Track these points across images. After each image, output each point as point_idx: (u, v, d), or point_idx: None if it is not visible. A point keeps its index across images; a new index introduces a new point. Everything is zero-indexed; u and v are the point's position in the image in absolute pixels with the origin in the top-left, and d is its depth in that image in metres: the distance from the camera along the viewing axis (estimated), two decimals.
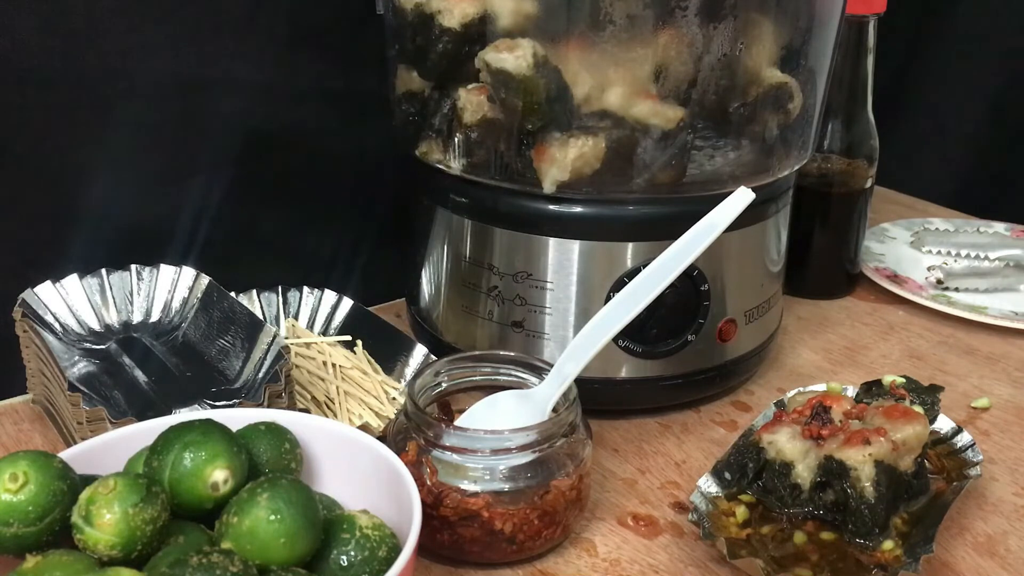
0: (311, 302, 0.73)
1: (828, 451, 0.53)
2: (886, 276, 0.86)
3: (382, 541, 0.43)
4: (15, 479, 0.41)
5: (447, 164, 0.64)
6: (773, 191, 0.66)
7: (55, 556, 0.40)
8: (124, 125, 0.68)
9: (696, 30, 0.58)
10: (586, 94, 0.59)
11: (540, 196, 0.61)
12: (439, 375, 0.58)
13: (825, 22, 0.66)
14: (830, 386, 0.62)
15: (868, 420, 0.55)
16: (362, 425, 0.61)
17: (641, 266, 0.56)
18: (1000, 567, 0.54)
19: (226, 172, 0.73)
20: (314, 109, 0.76)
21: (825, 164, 0.82)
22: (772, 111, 0.64)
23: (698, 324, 0.64)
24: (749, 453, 0.56)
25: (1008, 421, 0.68)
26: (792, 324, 0.81)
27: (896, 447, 0.53)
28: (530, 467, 0.52)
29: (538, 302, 0.63)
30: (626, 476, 0.61)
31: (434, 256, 0.68)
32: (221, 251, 0.73)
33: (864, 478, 0.52)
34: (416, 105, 0.66)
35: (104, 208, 0.69)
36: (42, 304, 0.64)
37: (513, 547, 0.52)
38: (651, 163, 0.60)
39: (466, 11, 0.60)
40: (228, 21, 0.70)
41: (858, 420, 0.55)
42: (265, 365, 0.60)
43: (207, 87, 0.71)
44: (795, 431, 0.55)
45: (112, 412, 0.53)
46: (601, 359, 0.56)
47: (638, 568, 0.53)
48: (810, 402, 0.57)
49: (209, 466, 0.43)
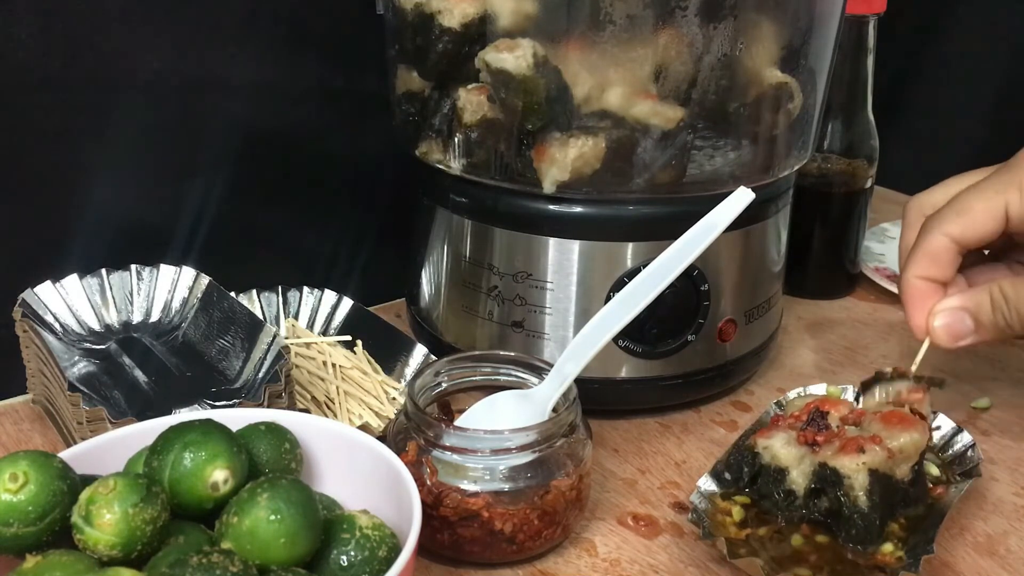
0: (311, 302, 0.73)
1: (823, 458, 0.52)
2: (886, 276, 0.86)
3: (382, 541, 0.43)
4: (15, 479, 0.41)
5: (447, 164, 0.64)
6: (773, 191, 0.66)
7: (55, 556, 0.40)
8: (124, 125, 0.68)
9: (696, 30, 0.58)
10: (586, 94, 0.59)
11: (540, 196, 0.61)
12: (439, 375, 0.58)
13: (825, 22, 0.66)
14: (829, 389, 0.62)
15: (865, 426, 0.55)
16: (362, 425, 0.61)
17: (641, 266, 0.56)
18: (1000, 567, 0.54)
19: (226, 172, 0.73)
20: (314, 109, 0.76)
21: (825, 164, 0.82)
22: (772, 111, 0.64)
23: (698, 324, 0.64)
24: (744, 457, 0.56)
25: (1008, 421, 0.68)
26: (792, 324, 0.81)
27: (892, 455, 0.52)
28: (530, 467, 0.52)
29: (538, 302, 0.63)
30: (626, 476, 0.61)
31: (434, 256, 0.68)
32: (221, 251, 0.73)
33: (857, 487, 0.51)
34: (416, 105, 0.66)
35: (104, 208, 0.69)
36: (42, 304, 0.64)
37: (513, 547, 0.52)
38: (651, 163, 0.60)
39: (466, 11, 0.60)
40: (228, 21, 0.70)
41: (855, 426, 0.55)
42: (265, 365, 0.60)
43: (207, 87, 0.71)
44: (790, 436, 0.54)
45: (112, 412, 0.53)
46: (601, 359, 0.56)
47: (638, 568, 0.53)
48: (807, 406, 0.56)
49: (209, 466, 0.43)
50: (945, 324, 0.55)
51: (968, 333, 0.55)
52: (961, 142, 1.10)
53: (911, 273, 0.57)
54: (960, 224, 0.55)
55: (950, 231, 0.56)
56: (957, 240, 0.56)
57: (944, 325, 0.56)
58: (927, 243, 0.57)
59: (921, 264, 0.57)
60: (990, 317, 0.55)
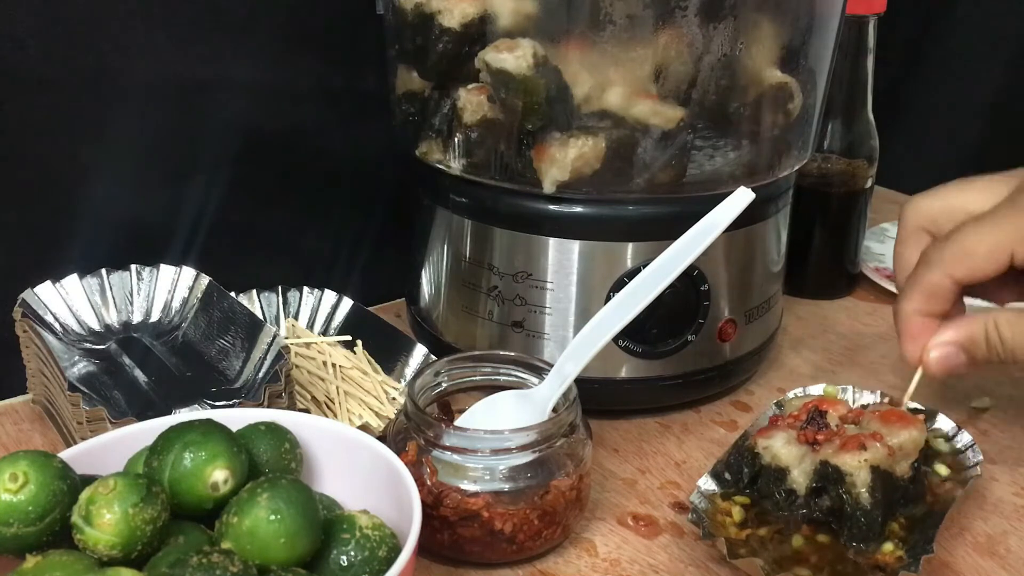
0: (311, 302, 0.73)
1: (824, 456, 0.53)
2: (886, 276, 0.86)
3: (382, 541, 0.43)
4: (15, 479, 0.41)
5: (447, 164, 0.64)
6: (773, 191, 0.66)
7: (55, 556, 0.40)
8: (124, 125, 0.68)
9: (696, 30, 0.58)
10: (586, 94, 0.59)
11: (540, 196, 0.61)
12: (439, 375, 0.58)
13: (825, 22, 0.66)
14: (827, 389, 0.62)
15: (864, 424, 0.55)
16: (362, 425, 0.61)
17: (641, 266, 0.56)
18: (1000, 567, 0.54)
19: (226, 172, 0.73)
20: (314, 109, 0.76)
21: (825, 164, 0.82)
22: (772, 111, 0.64)
23: (698, 324, 0.64)
24: (744, 458, 0.56)
25: (1008, 421, 0.68)
26: (792, 324, 0.81)
27: (892, 452, 0.52)
28: (530, 467, 0.52)
29: (538, 302, 0.63)
30: (626, 476, 0.61)
31: (434, 256, 0.68)
32: (221, 251, 0.73)
33: (860, 484, 0.51)
34: (416, 105, 0.66)
35: (104, 208, 0.69)
36: (42, 304, 0.64)
37: (513, 547, 0.52)
38: (651, 163, 0.60)
39: (466, 11, 0.60)
40: (228, 21, 0.70)
41: (854, 425, 0.55)
42: (265, 365, 0.60)
43: (207, 87, 0.71)
44: (790, 436, 0.54)
45: (112, 412, 0.53)
46: (601, 359, 0.56)
47: (638, 568, 0.53)
48: (806, 406, 0.56)
49: (209, 466, 0.43)
50: (939, 357, 0.56)
51: (961, 366, 0.56)
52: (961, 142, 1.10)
53: (909, 307, 0.57)
54: (964, 267, 0.55)
55: (952, 272, 0.55)
56: (958, 281, 0.56)
57: (938, 358, 0.56)
58: (928, 279, 0.56)
59: (919, 299, 0.57)
60: (983, 353, 0.55)
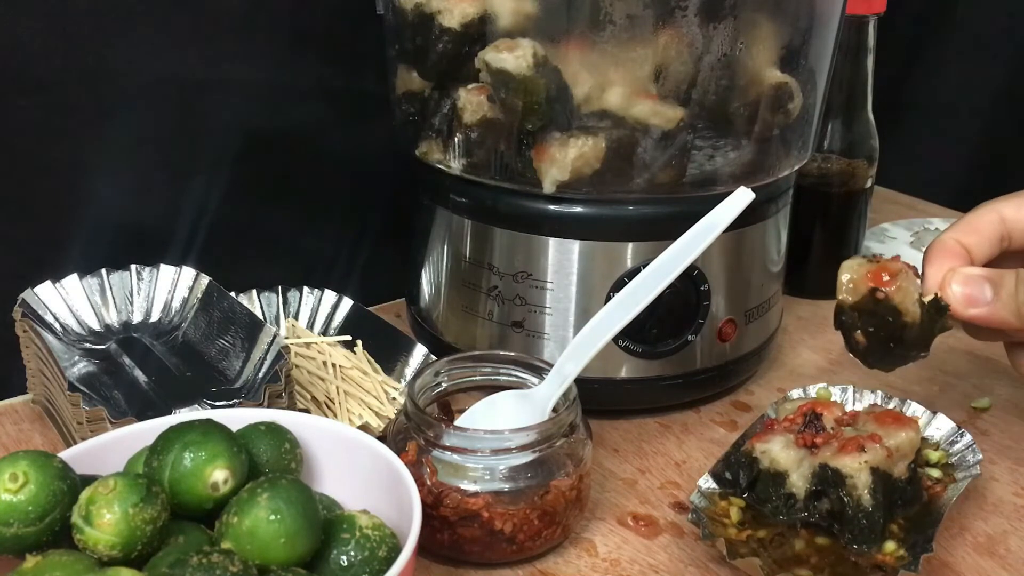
0: (311, 302, 0.73)
1: (823, 459, 0.52)
2: None
3: (382, 541, 0.43)
4: (15, 479, 0.41)
5: (447, 164, 0.64)
6: (773, 191, 0.66)
7: (55, 556, 0.40)
8: (124, 125, 0.68)
9: (696, 30, 0.58)
10: (586, 94, 0.59)
11: (540, 196, 0.61)
12: (439, 375, 0.58)
13: (825, 22, 0.66)
14: (820, 392, 0.62)
15: (860, 426, 0.55)
16: (362, 425, 0.61)
17: (641, 266, 0.56)
18: (1000, 567, 0.54)
19: (226, 172, 0.73)
20: (314, 109, 0.76)
21: (825, 164, 0.82)
22: (772, 111, 0.64)
23: (698, 324, 0.64)
24: (742, 462, 0.55)
25: (1008, 421, 0.68)
26: (792, 324, 0.81)
27: (890, 453, 0.52)
28: (530, 467, 0.52)
29: (538, 302, 0.63)
30: (626, 476, 0.61)
31: (434, 256, 0.68)
32: (221, 251, 0.73)
33: (860, 486, 0.51)
34: (416, 105, 0.66)
35: (104, 208, 0.69)
36: (42, 304, 0.64)
37: (513, 547, 0.52)
38: (651, 163, 0.60)
39: (466, 11, 0.60)
40: (228, 21, 0.70)
41: (850, 427, 0.55)
42: (265, 365, 0.60)
43: (207, 87, 0.71)
44: (788, 440, 0.54)
45: (112, 412, 0.53)
46: (601, 359, 0.56)
47: (638, 568, 0.53)
48: (801, 410, 0.56)
49: (209, 466, 0.43)
50: (964, 289, 0.53)
51: (984, 304, 0.52)
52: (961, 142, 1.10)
53: (947, 235, 0.55)
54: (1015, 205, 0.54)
55: (1004, 210, 0.54)
56: (1006, 219, 0.54)
57: (963, 289, 0.53)
58: (975, 214, 0.54)
59: (961, 229, 0.54)
60: (1011, 292, 0.52)
